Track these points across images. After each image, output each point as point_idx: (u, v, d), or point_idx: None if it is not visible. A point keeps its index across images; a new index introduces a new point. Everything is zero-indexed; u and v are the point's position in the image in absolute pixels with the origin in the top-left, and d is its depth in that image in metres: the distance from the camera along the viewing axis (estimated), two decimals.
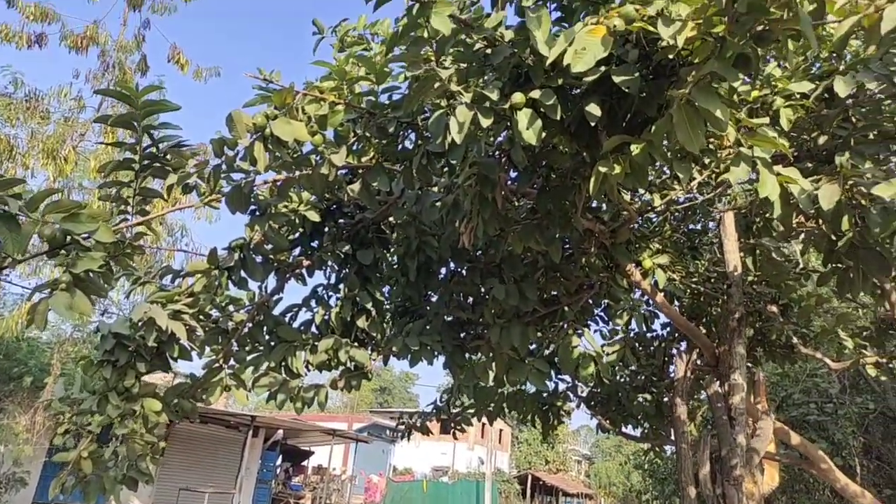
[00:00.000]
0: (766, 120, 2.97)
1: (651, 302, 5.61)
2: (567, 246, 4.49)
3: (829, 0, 2.04)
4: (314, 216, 4.15)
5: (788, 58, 2.30)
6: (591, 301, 5.03)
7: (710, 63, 2.11)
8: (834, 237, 3.58)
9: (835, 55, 3.52)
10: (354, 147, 3.91)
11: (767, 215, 4.30)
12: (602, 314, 5.52)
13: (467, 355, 4.56)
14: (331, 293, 4.81)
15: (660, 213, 4.75)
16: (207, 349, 3.77)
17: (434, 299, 4.87)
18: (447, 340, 4.56)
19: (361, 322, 4.36)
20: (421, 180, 3.85)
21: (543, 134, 2.74)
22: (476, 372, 4.40)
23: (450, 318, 4.76)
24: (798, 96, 3.30)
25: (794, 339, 6.54)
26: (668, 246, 6.51)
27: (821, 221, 3.56)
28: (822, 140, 3.81)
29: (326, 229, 4.61)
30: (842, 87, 3.13)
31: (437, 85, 2.71)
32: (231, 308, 3.93)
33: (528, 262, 4.40)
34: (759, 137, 2.82)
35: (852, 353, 6.20)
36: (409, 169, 3.80)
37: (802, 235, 3.84)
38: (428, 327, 4.69)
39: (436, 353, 4.21)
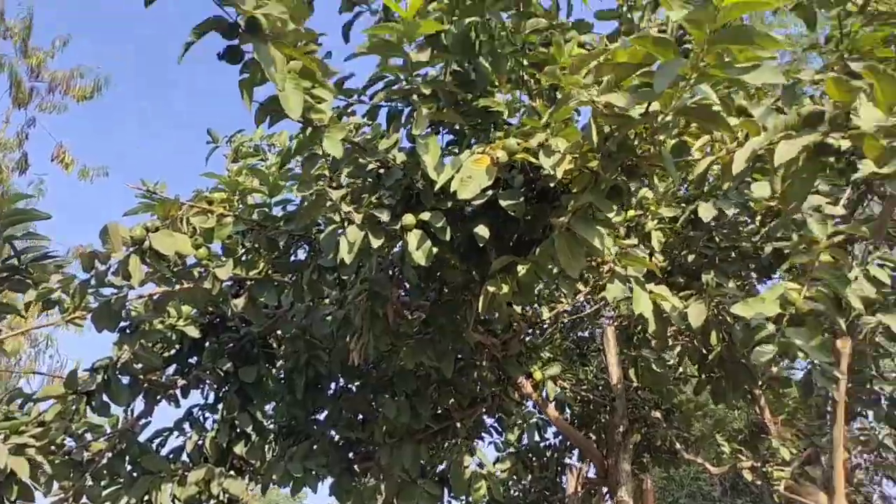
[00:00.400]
0: (635, 241, 3.18)
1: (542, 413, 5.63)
2: (459, 359, 4.47)
3: (690, 141, 2.26)
4: (193, 332, 3.91)
5: (654, 189, 2.50)
6: (484, 415, 4.99)
7: (586, 194, 2.24)
8: (705, 350, 3.82)
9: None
10: (243, 259, 3.79)
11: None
12: (495, 426, 5.47)
13: (356, 478, 4.32)
14: (207, 414, 4.48)
15: (549, 323, 4.88)
16: (56, 486, 3.33)
17: (322, 418, 4.64)
18: (334, 463, 4.31)
19: (239, 448, 4.04)
20: (311, 294, 3.76)
21: (434, 254, 2.78)
22: (364, 497, 4.16)
23: (338, 439, 4.53)
24: (667, 219, 3.58)
25: (678, 445, 6.77)
26: (558, 355, 6.65)
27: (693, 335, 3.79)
28: (690, 258, 4.12)
29: (207, 344, 4.34)
30: (704, 213, 3.44)
31: (328, 204, 2.71)
32: (88, 436, 3.52)
33: (420, 376, 4.33)
34: (631, 258, 3.00)
35: (729, 458, 6.48)
36: (299, 282, 3.70)
37: (679, 347, 4.05)
38: (315, 447, 4.43)
39: (321, 477, 3.96)
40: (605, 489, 5.40)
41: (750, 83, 1.63)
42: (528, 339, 4.72)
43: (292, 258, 3.79)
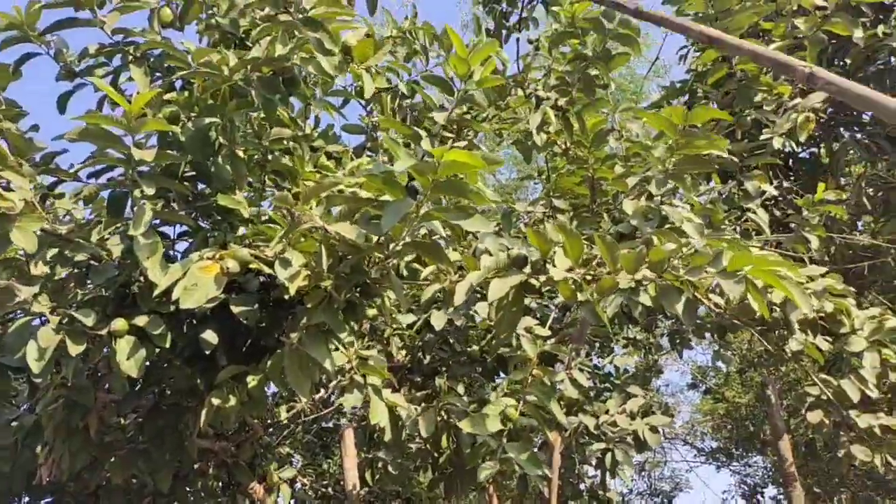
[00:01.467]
0: (375, 349, 3.21)
1: None
2: (180, 465, 4.02)
3: (420, 267, 2.35)
4: None
5: (385, 311, 2.54)
6: None
7: (319, 312, 2.19)
8: (436, 453, 3.93)
9: None
10: None
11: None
12: None
13: None
14: None
15: (287, 422, 4.65)
16: None
17: None
18: None
19: None
20: None
21: (151, 359, 2.48)
22: None
23: None
24: (405, 326, 3.69)
25: None
26: (298, 449, 6.35)
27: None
28: (427, 359, 4.29)
29: None
30: (436, 321, 3.61)
31: (15, 301, 2.28)
32: None
33: (131, 489, 3.78)
34: (369, 367, 2.99)
35: None
36: None
37: (414, 448, 4.13)
38: None
39: None
40: None
41: (465, 228, 1.74)
42: (263, 439, 4.43)
43: None
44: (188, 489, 3.99)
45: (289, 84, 2.71)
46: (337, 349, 2.52)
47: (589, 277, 2.05)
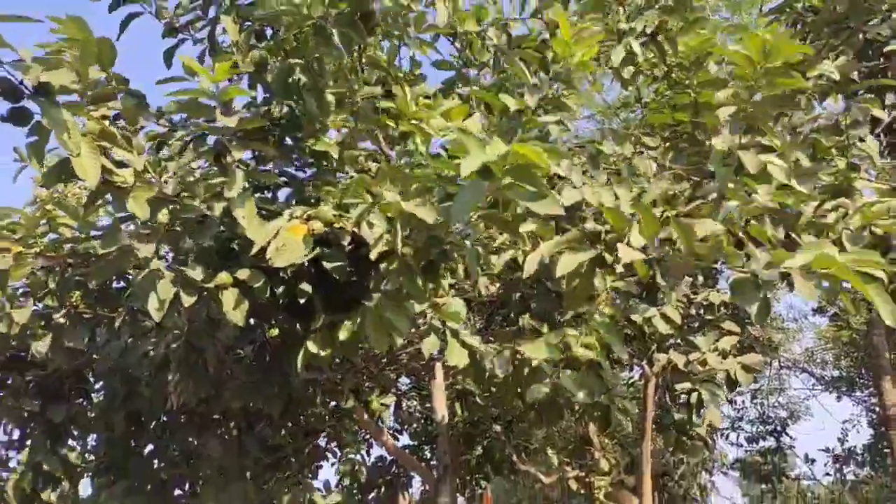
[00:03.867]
0: (451, 296, 3.30)
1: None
2: (290, 394, 4.42)
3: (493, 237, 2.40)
4: None
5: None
6: (320, 446, 4.97)
7: (396, 278, 2.31)
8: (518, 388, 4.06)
9: None
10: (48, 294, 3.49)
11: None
12: (334, 450, 5.46)
13: None
14: (11, 454, 4.10)
15: (384, 357, 4.93)
16: None
17: (145, 454, 4.39)
18: (155, 502, 4.11)
19: (46, 494, 3.74)
20: (129, 330, 3.56)
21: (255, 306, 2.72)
22: None
23: (163, 476, 4.31)
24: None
25: (514, 457, 7.17)
26: (403, 373, 6.71)
27: None
28: (517, 296, 4.37)
29: (10, 381, 3.96)
30: (529, 265, 3.66)
31: (136, 257, 2.57)
32: None
33: (249, 412, 4.22)
34: (446, 313, 3.10)
35: (557, 469, 6.96)
36: (113, 322, 3.49)
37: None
38: (136, 484, 4.20)
39: None
40: None
41: (536, 210, 1.77)
42: (364, 370, 4.75)
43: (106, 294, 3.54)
44: (300, 413, 4.40)
45: (366, 20, 2.76)
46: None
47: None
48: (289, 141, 3.14)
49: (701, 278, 5.45)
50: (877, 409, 15.95)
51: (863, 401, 16.08)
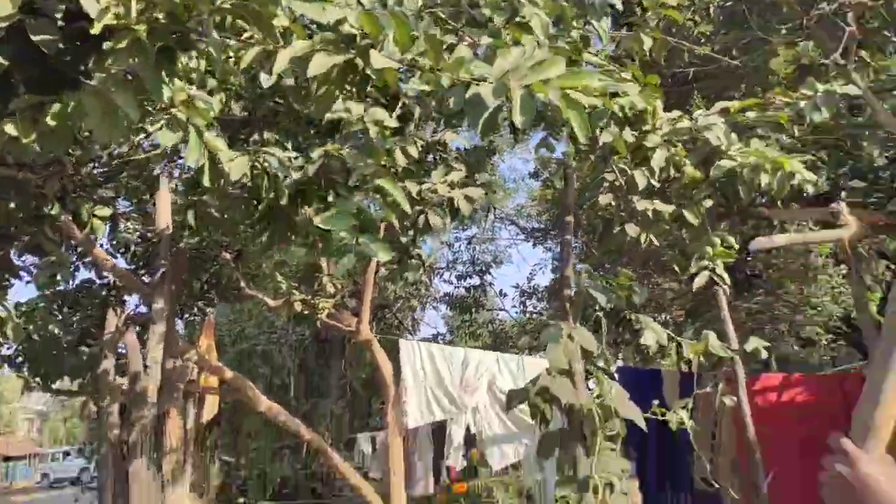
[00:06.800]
0: (205, 95, 3.05)
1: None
2: None
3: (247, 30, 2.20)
4: None
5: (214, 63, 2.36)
6: (16, 254, 4.39)
7: (126, 57, 2.03)
8: (256, 201, 4.01)
9: None
10: None
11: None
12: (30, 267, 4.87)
13: None
14: None
15: (104, 162, 4.42)
16: None
17: None
18: None
19: None
20: None
21: None
22: None
23: None
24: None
25: (242, 283, 7.18)
26: (124, 192, 6.10)
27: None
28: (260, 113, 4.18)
29: None
30: (266, 79, 3.47)
31: None
32: None
33: None
34: (195, 108, 2.85)
35: (286, 293, 7.17)
36: None
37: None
38: None
39: None
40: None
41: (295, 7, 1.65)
42: (77, 177, 4.21)
43: None
44: None
45: None
46: (148, 100, 2.38)
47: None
48: None
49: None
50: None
51: (550, 249, 19.16)
